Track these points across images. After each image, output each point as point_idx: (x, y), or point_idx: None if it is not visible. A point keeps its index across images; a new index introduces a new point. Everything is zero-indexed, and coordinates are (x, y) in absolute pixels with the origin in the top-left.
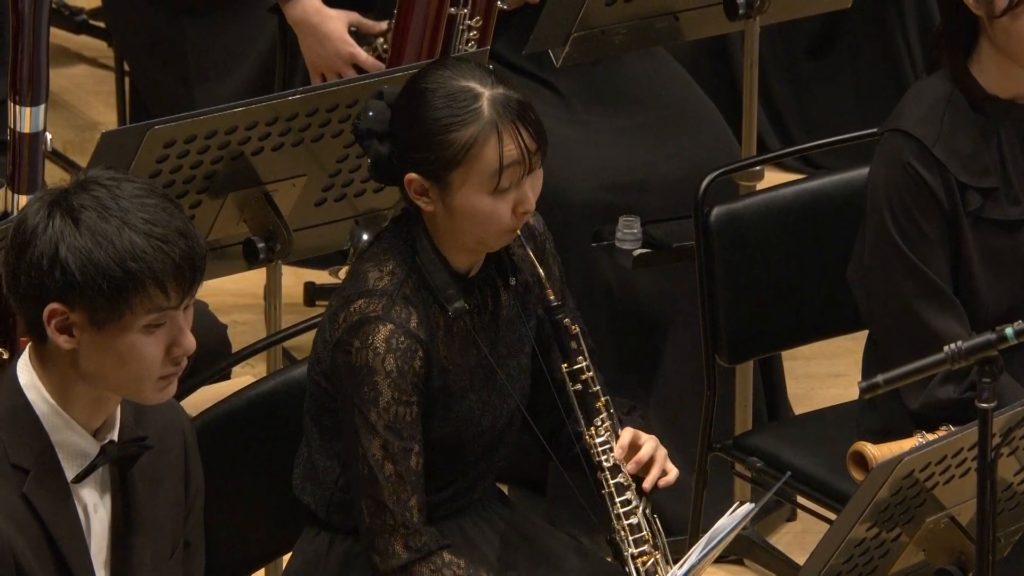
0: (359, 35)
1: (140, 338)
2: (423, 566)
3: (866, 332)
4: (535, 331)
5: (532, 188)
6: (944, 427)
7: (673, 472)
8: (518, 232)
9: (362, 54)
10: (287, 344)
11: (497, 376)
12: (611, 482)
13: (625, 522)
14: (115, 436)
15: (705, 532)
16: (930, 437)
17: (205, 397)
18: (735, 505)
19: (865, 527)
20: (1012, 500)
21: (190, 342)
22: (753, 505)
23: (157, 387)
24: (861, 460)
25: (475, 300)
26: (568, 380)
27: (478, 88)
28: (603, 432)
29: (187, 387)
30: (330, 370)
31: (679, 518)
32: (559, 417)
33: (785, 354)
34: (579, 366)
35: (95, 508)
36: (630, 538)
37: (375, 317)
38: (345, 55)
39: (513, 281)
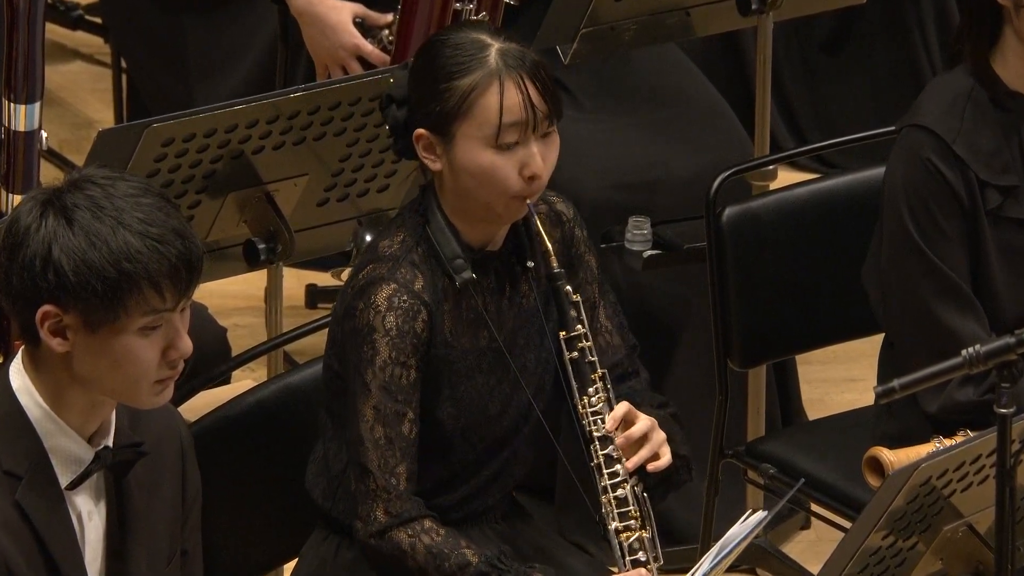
0: (364, 27)
1: (135, 341)
2: (401, 531)
3: (882, 335)
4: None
5: (543, 154)
6: (962, 432)
7: (666, 457)
8: (529, 205)
9: (367, 46)
10: (288, 348)
11: (507, 362)
12: (600, 453)
13: (611, 495)
14: (110, 442)
15: (716, 540)
16: (948, 442)
17: (204, 402)
18: (747, 513)
19: (881, 536)
20: None
21: (187, 345)
22: (766, 513)
23: (153, 391)
24: (877, 466)
25: (490, 279)
26: (564, 348)
27: (488, 39)
28: (596, 403)
29: (185, 391)
30: (340, 345)
31: (690, 526)
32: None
33: (799, 358)
34: (576, 334)
35: (89, 516)
36: (615, 511)
37: (379, 278)
38: (350, 46)
39: (531, 264)
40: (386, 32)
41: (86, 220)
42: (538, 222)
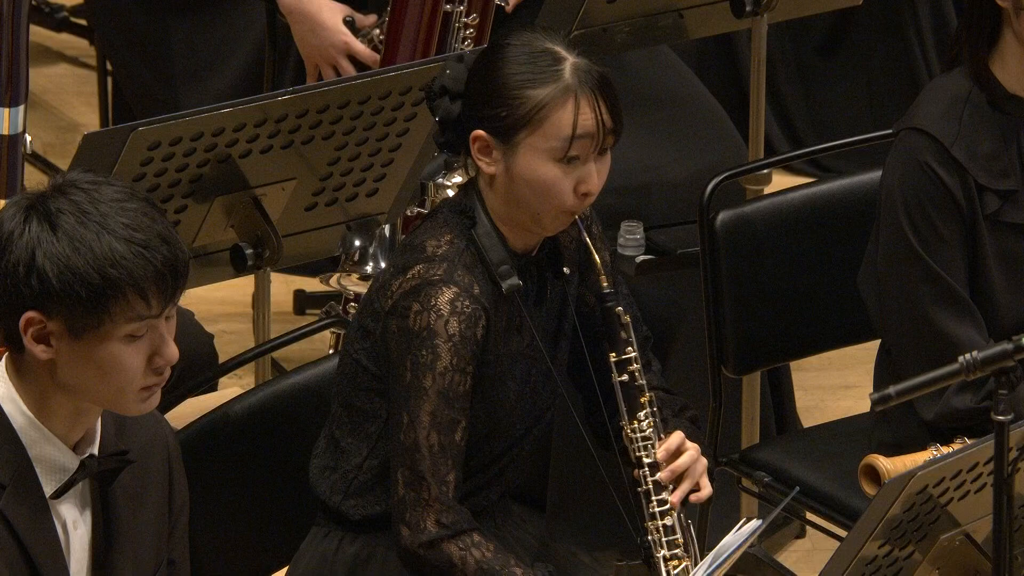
0: (354, 26)
1: (120, 348)
2: (451, 544)
3: (878, 342)
4: (572, 327)
5: (598, 172)
6: (959, 439)
7: (707, 489)
8: (576, 218)
9: (358, 44)
10: (276, 354)
11: (535, 367)
12: (649, 479)
13: (659, 522)
14: (95, 450)
15: (711, 549)
16: (944, 450)
17: (191, 409)
18: (742, 521)
19: (877, 545)
20: None
21: (172, 352)
22: (760, 521)
23: (139, 398)
24: (873, 474)
25: (528, 286)
26: (614, 370)
27: (562, 52)
28: (646, 428)
29: (172, 399)
30: (380, 342)
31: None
32: (600, 419)
33: (794, 365)
34: (627, 357)
35: (74, 525)
36: (663, 539)
37: (437, 280)
38: (340, 44)
39: (567, 270)
40: (377, 32)
41: (70, 225)
42: (587, 237)
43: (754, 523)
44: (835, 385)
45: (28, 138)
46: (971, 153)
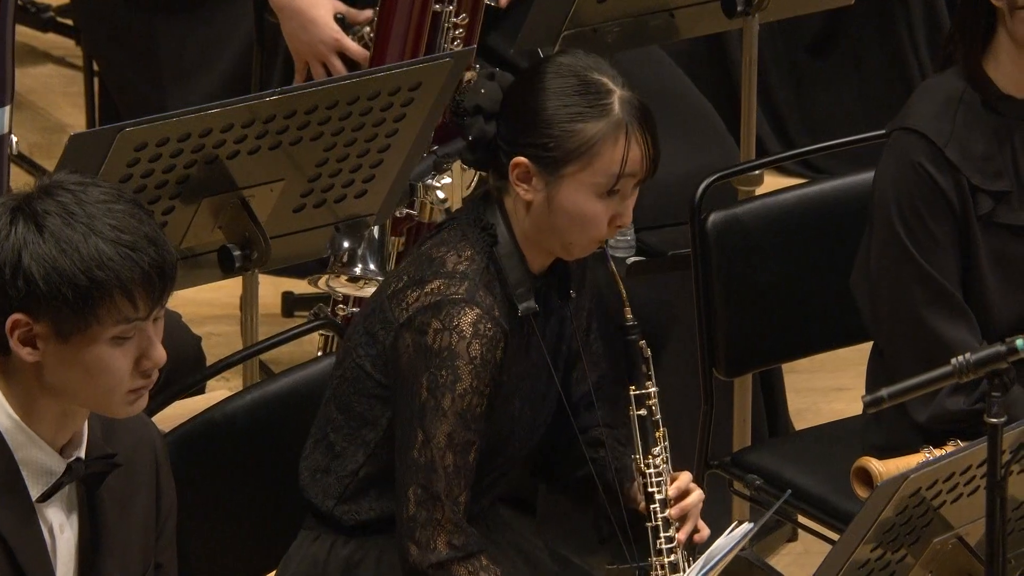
0: (344, 23)
1: (107, 350)
2: (461, 567)
3: (870, 344)
4: (567, 350)
5: (632, 202)
6: (952, 442)
7: (705, 531)
8: (606, 249)
9: (348, 41)
10: (264, 357)
11: (537, 386)
12: (659, 515)
13: (666, 559)
14: (82, 453)
15: (702, 553)
16: (937, 453)
17: (178, 412)
18: (733, 525)
19: (869, 548)
20: (1023, 520)
21: (160, 354)
22: (752, 525)
23: (126, 401)
24: (866, 476)
25: (537, 304)
26: (633, 403)
27: (611, 85)
28: (659, 463)
29: (159, 401)
30: (389, 351)
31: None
32: (565, 438)
33: (786, 367)
34: (647, 391)
35: (61, 529)
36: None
37: (459, 299)
38: (331, 41)
39: (574, 294)
40: (368, 29)
41: (57, 227)
42: (613, 265)
43: (746, 526)
44: (827, 387)
45: (14, 139)
46: (965, 154)
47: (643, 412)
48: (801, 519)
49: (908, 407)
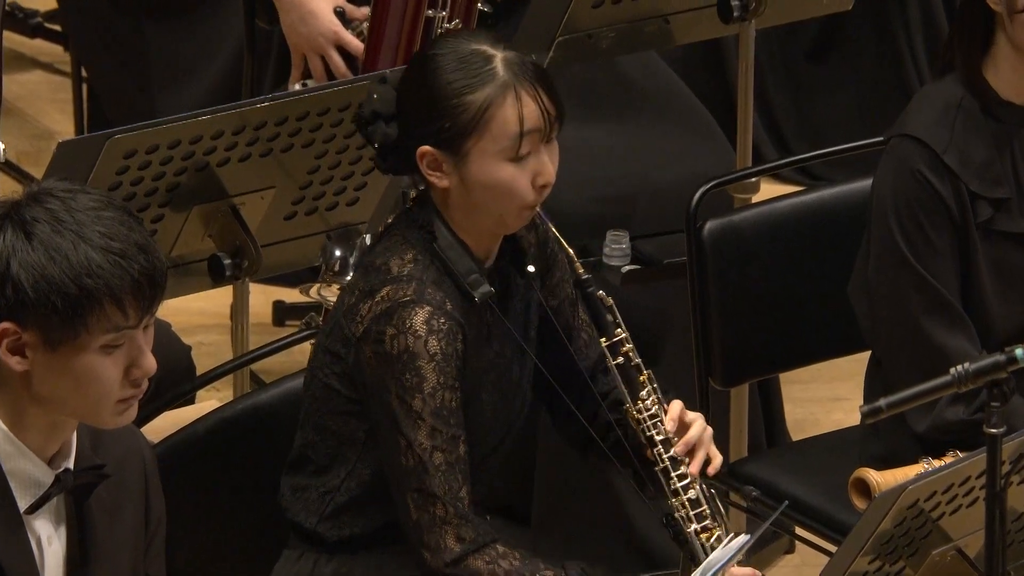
0: (344, 17)
1: (97, 359)
2: (476, 559)
3: (868, 353)
4: (537, 328)
5: (551, 159)
6: (951, 453)
7: (718, 458)
8: (538, 211)
9: (347, 34)
10: (255, 367)
11: (505, 376)
12: (664, 456)
13: (684, 497)
14: (71, 464)
15: (698, 565)
16: (936, 463)
17: (168, 422)
18: (729, 536)
19: (867, 560)
20: (1022, 531)
21: (150, 363)
22: (749, 536)
23: (116, 411)
24: (864, 487)
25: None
26: (608, 354)
27: (490, 50)
28: (650, 405)
29: (149, 412)
30: (353, 368)
31: (670, 550)
32: (587, 408)
33: (783, 377)
34: (619, 338)
35: (49, 540)
36: (691, 513)
37: (408, 301)
38: (330, 34)
39: (532, 268)
40: (366, 24)
41: (46, 234)
42: (552, 228)
43: (742, 538)
44: (825, 398)
45: (2, 146)
46: (964, 160)
47: (620, 360)
48: (799, 531)
49: (907, 417)
